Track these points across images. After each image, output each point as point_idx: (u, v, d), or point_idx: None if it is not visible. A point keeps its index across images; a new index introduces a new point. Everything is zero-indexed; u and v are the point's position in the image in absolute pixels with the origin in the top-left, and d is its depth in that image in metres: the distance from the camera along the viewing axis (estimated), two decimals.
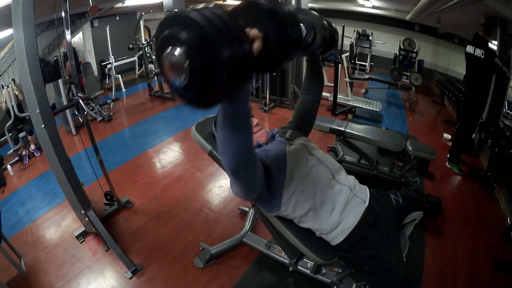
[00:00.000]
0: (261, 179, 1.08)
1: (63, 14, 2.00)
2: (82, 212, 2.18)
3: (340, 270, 1.78)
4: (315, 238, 1.27)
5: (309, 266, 1.87)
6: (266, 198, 1.18)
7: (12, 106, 3.88)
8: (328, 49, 1.23)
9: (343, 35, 5.18)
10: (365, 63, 8.10)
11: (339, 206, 1.17)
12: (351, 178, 1.30)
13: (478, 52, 2.96)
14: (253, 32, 0.71)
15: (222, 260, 2.13)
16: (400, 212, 1.39)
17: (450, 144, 3.68)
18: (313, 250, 1.29)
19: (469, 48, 3.06)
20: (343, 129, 2.72)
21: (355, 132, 2.69)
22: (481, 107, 3.18)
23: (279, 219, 1.30)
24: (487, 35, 3.02)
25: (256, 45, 0.70)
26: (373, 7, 7.26)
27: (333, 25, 1.21)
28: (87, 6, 2.62)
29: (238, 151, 0.83)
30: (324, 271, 1.85)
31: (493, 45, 3.51)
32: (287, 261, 1.91)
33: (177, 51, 0.58)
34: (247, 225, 2.29)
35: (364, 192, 1.26)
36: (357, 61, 8.04)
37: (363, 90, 6.27)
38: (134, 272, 2.04)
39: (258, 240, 2.14)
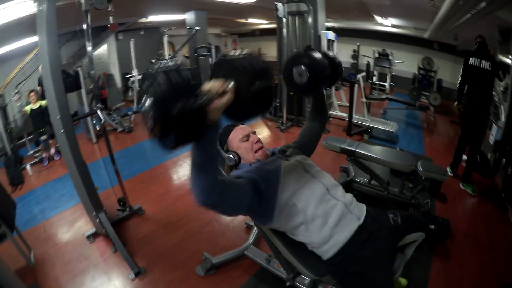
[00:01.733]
0: (245, 202, 1.12)
1: (84, 26, 2.12)
2: (94, 213, 2.30)
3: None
4: (308, 253, 1.29)
5: (306, 282, 1.86)
6: (258, 211, 1.22)
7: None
8: (331, 84, 1.43)
9: (358, 55, 5.22)
10: (385, 83, 8.01)
11: (332, 221, 1.19)
12: (349, 195, 1.32)
13: (485, 64, 2.94)
14: (223, 85, 0.83)
15: (223, 270, 2.16)
16: (398, 232, 1.36)
17: (465, 165, 3.61)
18: (306, 264, 1.31)
19: (474, 61, 3.02)
20: (353, 149, 2.71)
21: (365, 152, 2.67)
22: (487, 119, 3.15)
23: (275, 234, 1.34)
24: (488, 46, 3.03)
25: (226, 97, 0.82)
26: (392, 25, 7.26)
27: (337, 58, 1.39)
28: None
29: (204, 190, 0.91)
30: (320, 287, 1.83)
31: (509, 58, 3.45)
32: (285, 276, 1.91)
33: (147, 101, 0.72)
34: (251, 238, 2.32)
35: (360, 210, 1.28)
36: (377, 81, 7.95)
37: (381, 111, 6.23)
38: (137, 274, 2.12)
39: (259, 254, 2.16)
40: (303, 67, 1.27)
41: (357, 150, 2.70)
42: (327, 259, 1.21)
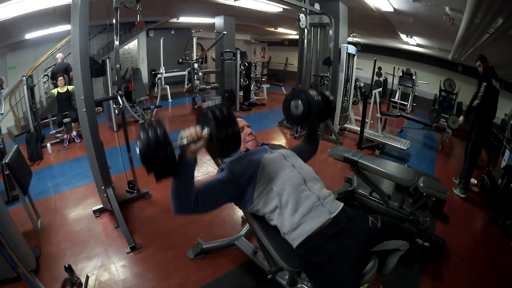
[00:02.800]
0: (222, 199, 1.35)
1: (114, 21, 2.31)
2: (103, 187, 2.49)
3: (309, 285, 1.79)
4: (283, 243, 1.36)
5: (286, 277, 1.91)
6: (238, 197, 1.38)
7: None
8: (323, 119, 1.75)
9: (374, 69, 5.24)
10: (406, 103, 7.89)
11: (302, 209, 1.28)
12: (326, 191, 1.40)
13: (498, 85, 3.13)
14: (198, 133, 1.08)
15: (212, 256, 2.28)
16: (375, 235, 1.37)
17: (475, 189, 3.62)
18: (280, 253, 1.39)
19: (495, 82, 3.15)
20: (356, 159, 2.75)
21: (367, 163, 2.70)
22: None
23: (258, 224, 1.45)
24: None
25: (200, 143, 1.09)
26: (417, 44, 7.19)
27: (330, 97, 1.68)
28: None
29: (178, 206, 1.18)
30: (299, 285, 1.86)
31: None
32: (267, 269, 1.97)
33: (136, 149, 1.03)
34: (243, 231, 2.43)
35: (334, 206, 1.34)
36: (398, 99, 7.83)
37: (398, 129, 6.17)
38: (132, 249, 2.29)
39: (247, 246, 2.25)
40: (299, 101, 1.59)
41: (359, 160, 2.74)
42: (295, 247, 1.29)
